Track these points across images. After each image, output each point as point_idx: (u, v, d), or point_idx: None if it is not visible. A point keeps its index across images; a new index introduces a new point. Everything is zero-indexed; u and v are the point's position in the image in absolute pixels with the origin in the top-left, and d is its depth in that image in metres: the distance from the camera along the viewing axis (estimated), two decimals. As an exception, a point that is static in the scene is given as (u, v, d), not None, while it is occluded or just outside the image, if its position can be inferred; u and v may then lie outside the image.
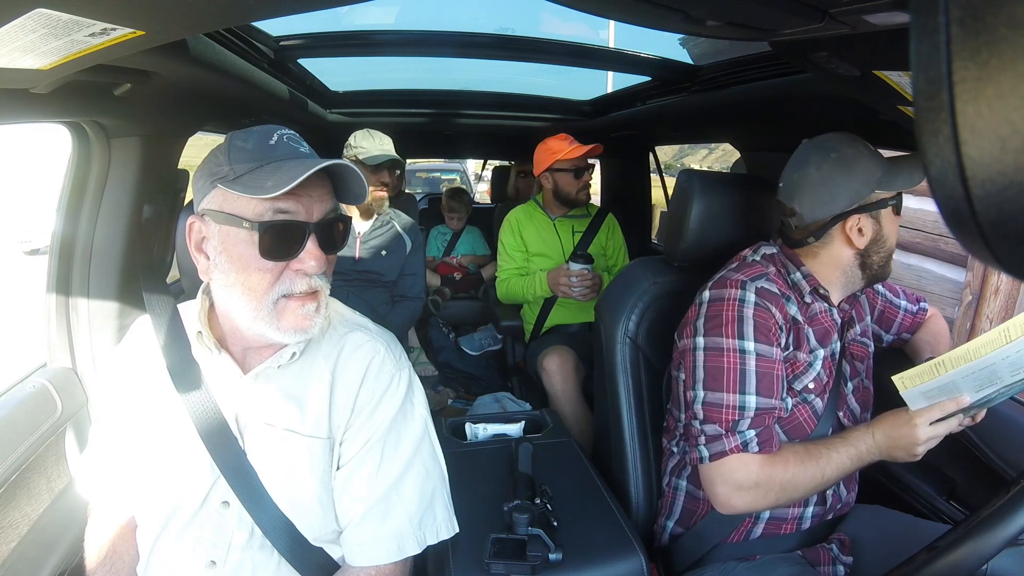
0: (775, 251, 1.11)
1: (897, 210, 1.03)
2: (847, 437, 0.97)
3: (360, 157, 1.99)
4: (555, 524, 1.03)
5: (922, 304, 1.30)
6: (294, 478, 0.83)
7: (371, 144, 1.99)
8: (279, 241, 0.75)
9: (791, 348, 1.04)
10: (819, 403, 1.05)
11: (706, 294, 1.07)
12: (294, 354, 0.83)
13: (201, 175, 0.79)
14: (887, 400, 1.26)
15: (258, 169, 0.74)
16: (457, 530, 0.90)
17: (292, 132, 0.80)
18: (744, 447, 0.97)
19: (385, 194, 2.04)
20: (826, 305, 1.08)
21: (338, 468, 0.86)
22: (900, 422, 0.93)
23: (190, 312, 0.88)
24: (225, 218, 0.75)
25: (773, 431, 1.00)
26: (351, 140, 2.02)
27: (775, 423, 1.01)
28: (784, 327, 1.03)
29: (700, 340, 1.03)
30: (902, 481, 1.30)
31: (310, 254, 0.76)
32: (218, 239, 0.77)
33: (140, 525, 0.88)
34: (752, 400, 0.98)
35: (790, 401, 1.04)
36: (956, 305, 2.95)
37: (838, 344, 1.10)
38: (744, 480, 0.96)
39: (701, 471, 1.02)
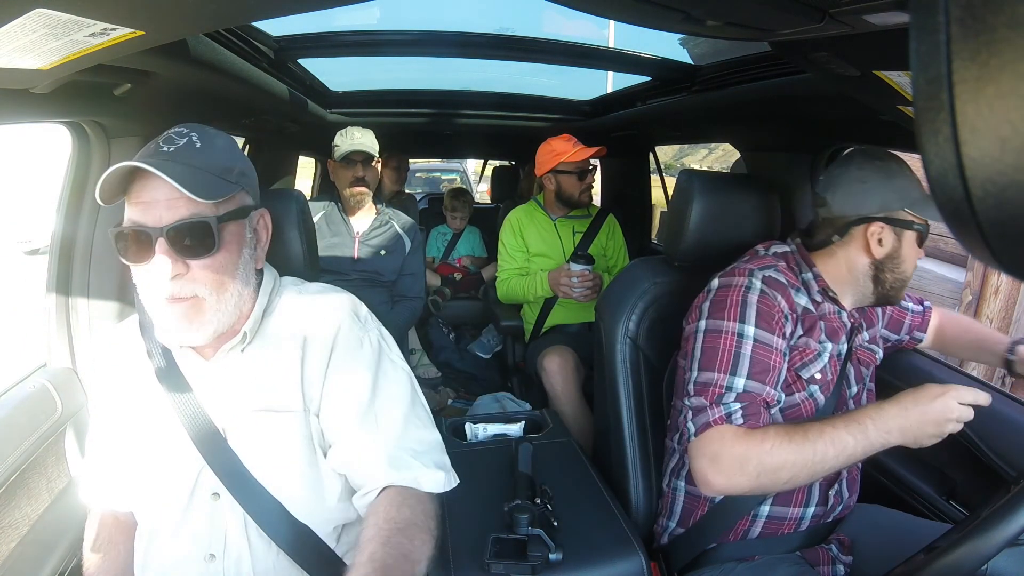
0: (788, 250, 1.14)
1: (921, 240, 1.04)
2: (850, 415, 0.92)
3: (335, 156, 1.99)
4: (555, 524, 1.03)
5: (925, 304, 1.34)
6: (275, 456, 0.84)
7: (343, 141, 1.98)
8: (128, 249, 0.77)
9: (801, 335, 1.05)
10: (822, 398, 1.06)
11: (715, 281, 1.09)
12: (245, 335, 0.85)
13: None
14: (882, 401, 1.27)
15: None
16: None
17: (181, 129, 0.80)
18: (727, 418, 0.95)
19: (363, 189, 2.01)
20: (835, 307, 1.09)
21: (326, 439, 0.87)
22: (931, 393, 0.88)
23: None
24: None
25: (763, 411, 0.98)
26: (332, 142, 2.02)
27: (767, 408, 1.00)
28: (791, 316, 1.04)
29: (702, 323, 1.05)
30: (902, 481, 1.30)
31: (156, 261, 0.76)
32: None
33: (139, 523, 0.89)
34: (741, 382, 0.98)
35: (797, 396, 1.04)
36: (956, 305, 2.95)
37: (845, 346, 1.10)
38: (720, 451, 0.93)
39: (689, 450, 1.00)
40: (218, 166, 0.80)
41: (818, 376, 1.05)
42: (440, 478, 0.84)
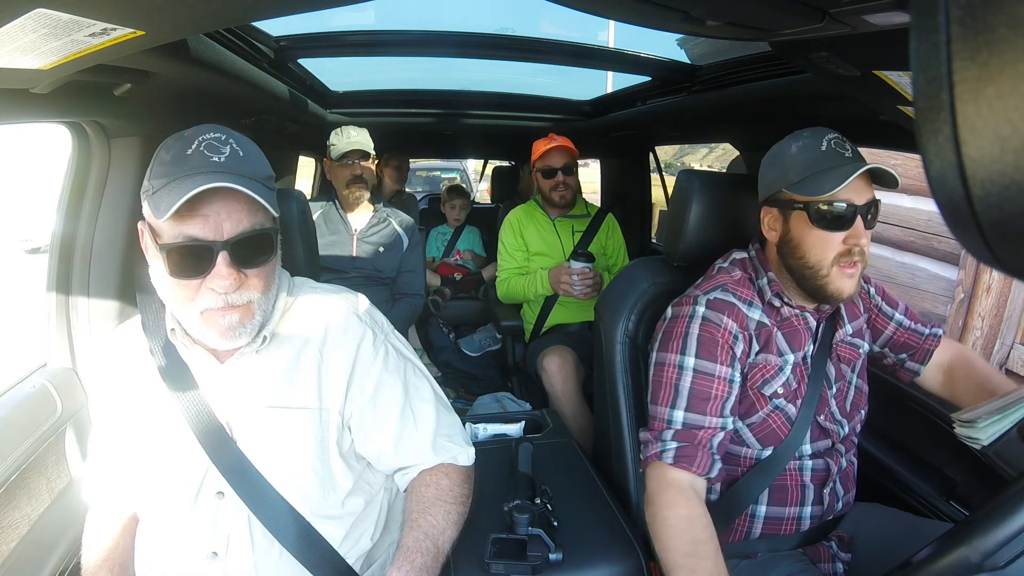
0: (747, 256, 1.12)
1: (813, 219, 0.95)
2: None
3: (332, 155, 2.00)
4: (555, 524, 1.03)
5: (933, 328, 1.17)
6: (286, 452, 0.84)
7: (339, 140, 2.01)
8: (184, 264, 0.75)
9: (757, 352, 1.03)
10: (792, 409, 1.04)
11: (669, 310, 1.10)
12: (265, 338, 0.84)
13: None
14: (883, 401, 1.27)
15: (166, 186, 0.74)
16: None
17: (217, 135, 0.78)
18: (660, 455, 0.97)
19: (361, 186, 2.03)
20: (796, 310, 1.06)
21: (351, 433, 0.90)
22: None
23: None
24: (149, 231, 0.78)
25: (702, 451, 0.96)
26: (328, 141, 2.03)
27: (714, 441, 0.98)
28: (742, 335, 1.02)
29: (654, 355, 1.07)
30: (902, 481, 1.30)
31: (218, 274, 0.75)
32: (149, 250, 0.79)
33: (141, 520, 0.89)
34: (680, 415, 0.99)
35: (762, 411, 1.03)
36: (949, 303, 2.96)
37: (812, 347, 1.07)
38: (648, 487, 0.98)
39: None
40: (262, 174, 0.81)
41: (780, 391, 1.04)
42: (472, 452, 0.98)
